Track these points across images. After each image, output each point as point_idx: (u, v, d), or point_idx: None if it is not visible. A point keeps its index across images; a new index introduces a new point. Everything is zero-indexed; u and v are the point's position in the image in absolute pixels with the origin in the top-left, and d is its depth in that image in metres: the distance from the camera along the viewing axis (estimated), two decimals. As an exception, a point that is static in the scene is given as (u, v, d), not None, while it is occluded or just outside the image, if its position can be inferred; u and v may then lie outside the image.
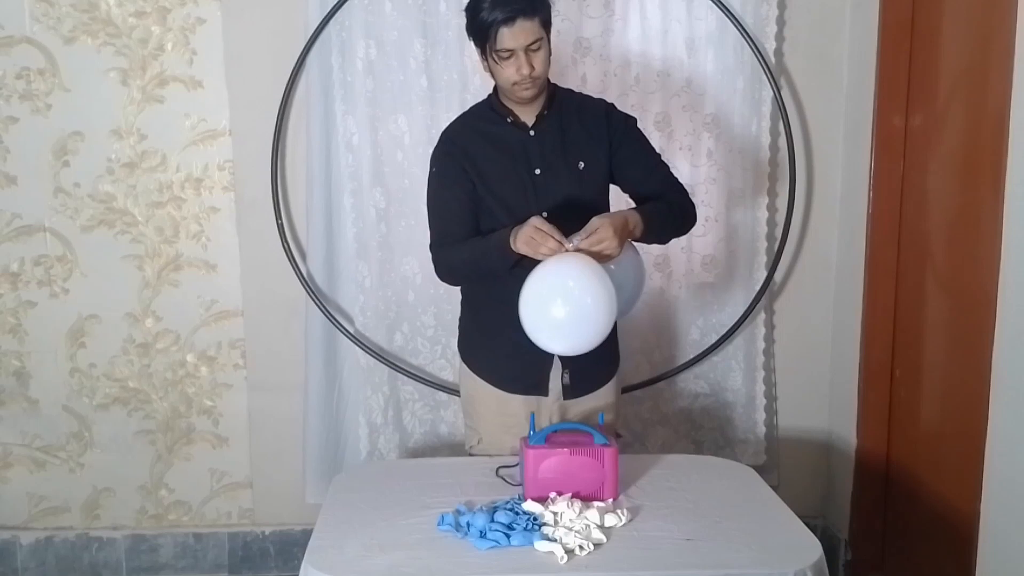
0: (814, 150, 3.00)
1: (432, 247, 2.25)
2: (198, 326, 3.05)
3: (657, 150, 2.32)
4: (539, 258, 1.97)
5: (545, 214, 2.09)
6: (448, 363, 2.96)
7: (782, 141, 2.92)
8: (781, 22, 2.88)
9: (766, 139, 2.91)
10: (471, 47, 2.74)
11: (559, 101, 2.22)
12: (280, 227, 2.92)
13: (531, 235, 1.97)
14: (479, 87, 2.80)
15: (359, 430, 2.98)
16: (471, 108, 2.33)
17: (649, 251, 2.31)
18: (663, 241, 2.34)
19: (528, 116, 2.19)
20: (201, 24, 2.88)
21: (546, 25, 2.10)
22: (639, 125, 2.29)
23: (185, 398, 3.08)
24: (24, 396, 3.06)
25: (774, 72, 2.86)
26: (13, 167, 2.94)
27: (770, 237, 2.97)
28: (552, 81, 2.23)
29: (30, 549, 3.12)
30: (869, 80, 2.79)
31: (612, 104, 2.29)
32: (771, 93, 2.86)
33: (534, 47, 2.06)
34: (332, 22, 2.79)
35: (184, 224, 2.99)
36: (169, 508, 3.14)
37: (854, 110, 2.91)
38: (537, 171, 2.17)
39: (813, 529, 1.90)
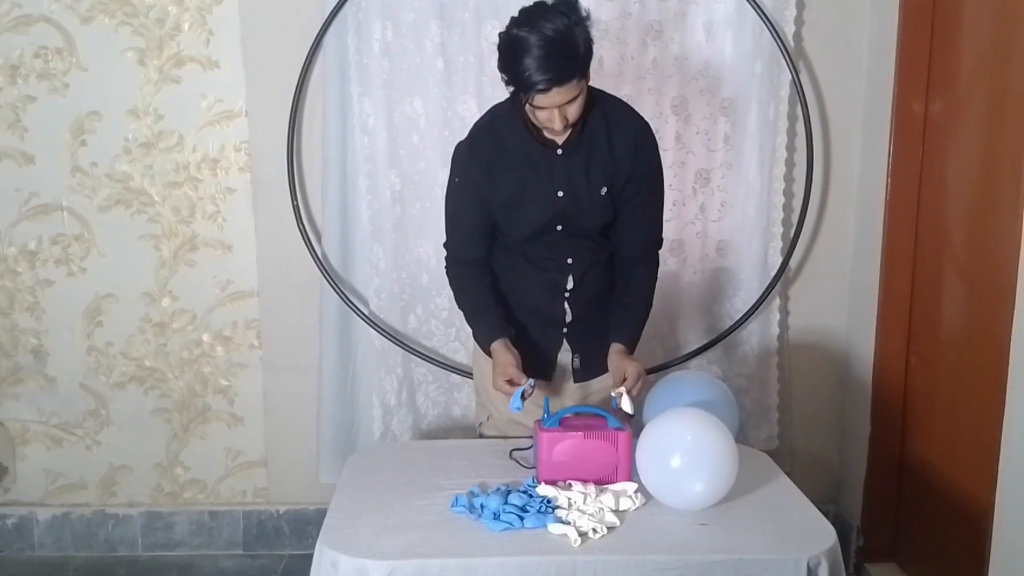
0: (832, 135, 2.98)
1: (447, 256, 2.28)
2: (214, 306, 3.06)
3: (665, 198, 2.28)
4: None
5: (560, 227, 2.14)
6: (462, 345, 2.97)
7: (800, 126, 2.90)
8: (800, 5, 2.85)
9: (784, 124, 2.89)
10: (488, 29, 2.77)
11: (592, 123, 2.09)
12: (295, 208, 2.92)
13: (498, 377, 2.09)
14: (495, 70, 2.78)
15: (373, 411, 3.00)
16: (499, 110, 2.17)
17: (664, 235, 2.31)
18: None
19: (558, 135, 2.09)
20: (218, 4, 2.88)
21: (585, 75, 1.96)
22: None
23: (201, 377, 3.10)
24: (41, 374, 3.09)
25: (793, 56, 2.84)
26: (31, 146, 2.95)
27: (786, 223, 2.96)
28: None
29: (47, 525, 3.16)
30: (889, 65, 2.77)
31: (646, 130, 2.16)
32: (789, 77, 2.84)
33: (570, 102, 1.95)
34: (348, 3, 2.78)
35: (200, 204, 3.00)
36: (185, 486, 3.17)
37: (873, 95, 2.89)
38: (560, 193, 2.11)
39: (825, 515, 1.90)
